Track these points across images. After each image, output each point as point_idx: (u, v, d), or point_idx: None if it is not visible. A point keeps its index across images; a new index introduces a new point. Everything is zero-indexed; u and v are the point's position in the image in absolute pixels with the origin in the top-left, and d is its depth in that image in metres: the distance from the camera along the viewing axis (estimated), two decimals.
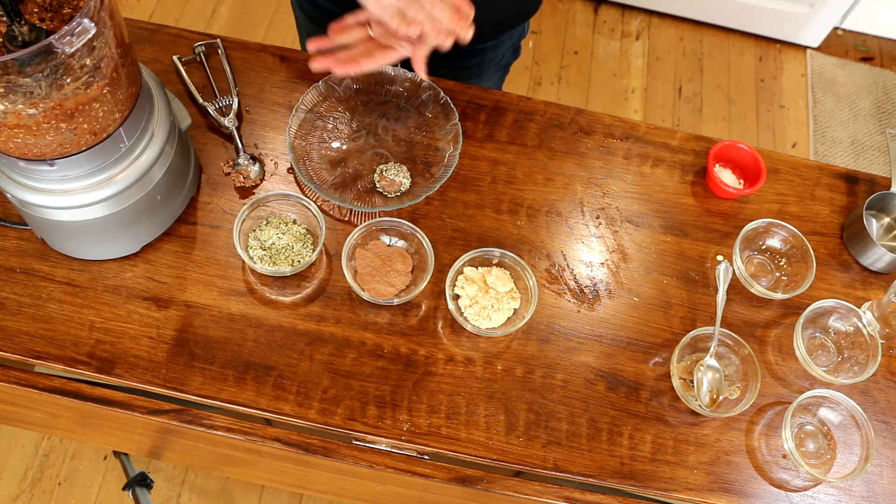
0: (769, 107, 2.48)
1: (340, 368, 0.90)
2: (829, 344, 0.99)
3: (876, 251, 1.02)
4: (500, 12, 1.16)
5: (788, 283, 1.00)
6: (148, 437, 1.16)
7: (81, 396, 0.93)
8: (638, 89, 2.47)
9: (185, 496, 1.71)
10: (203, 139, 1.03)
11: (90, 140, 0.78)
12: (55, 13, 0.71)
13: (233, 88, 1.05)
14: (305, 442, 0.93)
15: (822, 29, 2.53)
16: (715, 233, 1.04)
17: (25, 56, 0.64)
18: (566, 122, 1.10)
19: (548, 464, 0.88)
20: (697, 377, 0.92)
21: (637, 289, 0.99)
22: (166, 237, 0.95)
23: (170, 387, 0.87)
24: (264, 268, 0.92)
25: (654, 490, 0.88)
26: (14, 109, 0.69)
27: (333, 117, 1.06)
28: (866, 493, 0.91)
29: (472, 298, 0.94)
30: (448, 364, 0.92)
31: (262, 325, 0.92)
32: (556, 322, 0.96)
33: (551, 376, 0.93)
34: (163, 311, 0.91)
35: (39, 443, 1.73)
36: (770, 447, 0.92)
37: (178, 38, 1.10)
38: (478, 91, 1.11)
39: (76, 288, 0.91)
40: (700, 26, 2.61)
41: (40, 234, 0.92)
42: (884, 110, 2.50)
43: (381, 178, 1.01)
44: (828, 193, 1.10)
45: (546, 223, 1.02)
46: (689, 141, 1.11)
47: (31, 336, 0.88)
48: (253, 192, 1.00)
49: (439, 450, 0.88)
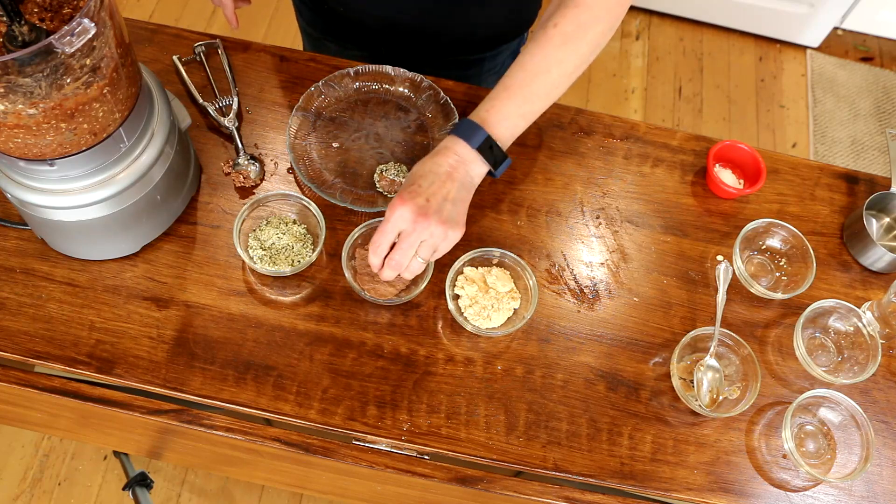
0: (769, 107, 2.48)
1: (340, 368, 0.90)
2: (829, 344, 0.99)
3: (876, 251, 1.02)
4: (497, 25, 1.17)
5: (788, 283, 1.00)
6: (148, 437, 1.16)
7: (81, 396, 0.93)
8: (638, 89, 2.47)
9: (185, 496, 1.71)
10: (203, 139, 1.03)
11: (90, 140, 0.78)
12: (55, 13, 0.71)
13: (233, 88, 1.05)
14: (305, 442, 0.93)
15: (822, 29, 2.53)
16: (715, 233, 1.04)
17: (25, 56, 0.64)
18: (566, 121, 1.10)
19: (548, 464, 0.88)
20: (697, 377, 0.92)
21: (637, 289, 0.99)
22: (166, 237, 0.95)
23: (170, 387, 0.87)
24: (264, 268, 0.92)
25: (654, 490, 0.88)
26: (14, 109, 0.69)
27: (333, 117, 1.06)
28: (866, 493, 0.91)
29: (472, 298, 0.94)
30: (448, 364, 0.92)
31: (262, 325, 0.92)
32: (556, 322, 0.96)
33: (551, 376, 0.93)
34: (163, 311, 0.91)
35: (39, 443, 1.73)
36: (770, 447, 0.92)
37: (178, 38, 1.10)
38: (478, 91, 1.11)
39: (76, 288, 0.91)
40: (700, 26, 2.61)
41: (40, 234, 0.92)
42: (884, 110, 2.50)
43: (381, 178, 1.01)
44: (828, 193, 1.10)
45: (546, 223, 1.02)
46: (689, 141, 1.11)
47: (31, 336, 0.88)
48: (253, 192, 1.00)
49: (439, 450, 0.88)
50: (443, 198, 0.84)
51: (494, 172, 0.88)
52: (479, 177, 0.88)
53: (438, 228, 0.83)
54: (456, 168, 0.85)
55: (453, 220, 0.84)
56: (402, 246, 0.84)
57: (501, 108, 0.87)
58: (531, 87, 0.87)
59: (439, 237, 0.84)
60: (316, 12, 1.22)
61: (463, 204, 0.86)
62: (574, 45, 0.86)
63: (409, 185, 0.84)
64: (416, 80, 1.07)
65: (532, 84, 0.87)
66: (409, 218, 0.83)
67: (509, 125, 0.88)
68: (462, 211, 0.86)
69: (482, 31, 1.17)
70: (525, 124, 0.89)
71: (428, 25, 1.12)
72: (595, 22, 0.86)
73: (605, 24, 0.87)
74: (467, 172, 0.86)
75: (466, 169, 0.86)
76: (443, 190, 0.84)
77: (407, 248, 0.84)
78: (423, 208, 0.83)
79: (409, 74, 1.07)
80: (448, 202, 0.84)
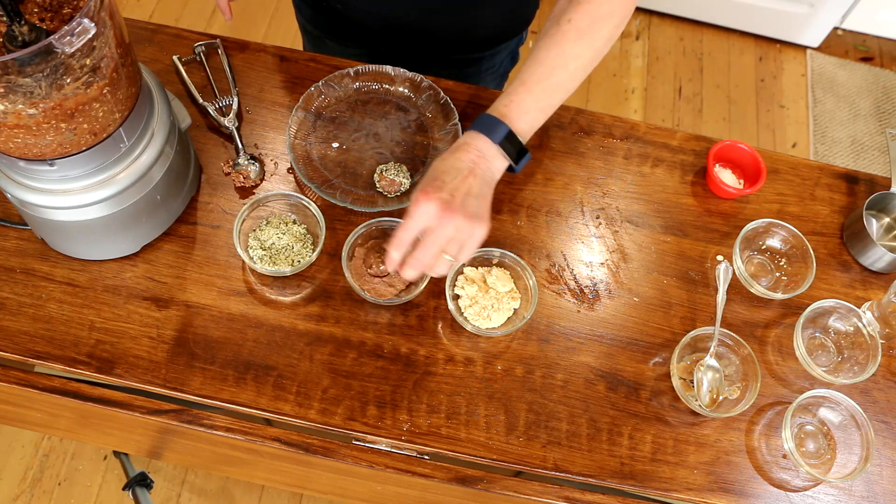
0: (769, 107, 2.48)
1: (340, 368, 0.90)
2: (829, 344, 0.99)
3: (876, 251, 1.02)
4: (495, 25, 1.17)
5: (788, 283, 1.00)
6: (148, 437, 1.16)
7: (81, 396, 0.93)
8: (638, 89, 2.47)
9: (185, 496, 1.71)
10: (203, 139, 1.03)
11: (90, 140, 0.78)
12: (55, 13, 0.71)
13: (233, 88, 1.05)
14: (305, 442, 0.93)
15: (822, 29, 2.53)
16: (715, 233, 1.04)
17: (25, 56, 0.64)
18: (566, 121, 1.10)
19: (548, 464, 0.88)
20: (697, 377, 0.92)
21: (637, 289, 0.99)
22: (166, 237, 0.95)
23: (170, 387, 0.87)
24: (264, 268, 0.92)
25: (654, 490, 0.88)
26: (14, 109, 0.69)
27: (333, 117, 1.06)
28: (866, 493, 0.91)
29: (472, 298, 0.94)
30: (448, 364, 0.92)
31: (262, 325, 0.92)
32: (556, 322, 0.96)
33: (551, 376, 0.93)
34: (163, 311, 0.91)
35: (39, 443, 1.73)
36: (770, 447, 0.92)
37: (178, 38, 1.10)
38: (478, 91, 1.11)
39: (76, 288, 0.91)
40: (700, 26, 2.61)
41: (40, 234, 0.92)
42: (884, 110, 2.50)
43: (381, 178, 1.01)
44: (828, 193, 1.10)
45: (546, 223, 1.02)
46: (689, 141, 1.11)
47: (31, 336, 0.88)
48: (253, 192, 1.00)
49: (439, 450, 0.88)
50: (466, 192, 0.81)
51: (515, 167, 0.87)
52: (500, 172, 0.87)
53: (465, 223, 0.80)
54: (477, 164, 0.84)
55: (479, 215, 0.82)
56: (426, 243, 0.81)
57: (521, 103, 0.86)
58: (549, 81, 0.86)
59: (466, 233, 0.81)
60: (316, 10, 1.22)
61: (485, 200, 0.84)
62: (589, 40, 0.87)
63: (432, 181, 0.82)
64: (416, 80, 1.07)
65: (550, 78, 0.86)
66: (434, 213, 0.80)
67: (529, 119, 0.87)
68: (486, 206, 0.84)
69: (481, 30, 1.17)
70: (544, 118, 0.89)
71: (427, 24, 1.13)
72: (609, 17, 0.86)
73: (618, 17, 0.87)
74: (488, 168, 0.85)
75: (488, 164, 0.85)
76: (465, 185, 0.82)
77: (432, 244, 0.80)
78: (447, 203, 0.80)
79: (409, 74, 1.07)
80: (472, 197, 0.82)
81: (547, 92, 0.87)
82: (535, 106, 0.87)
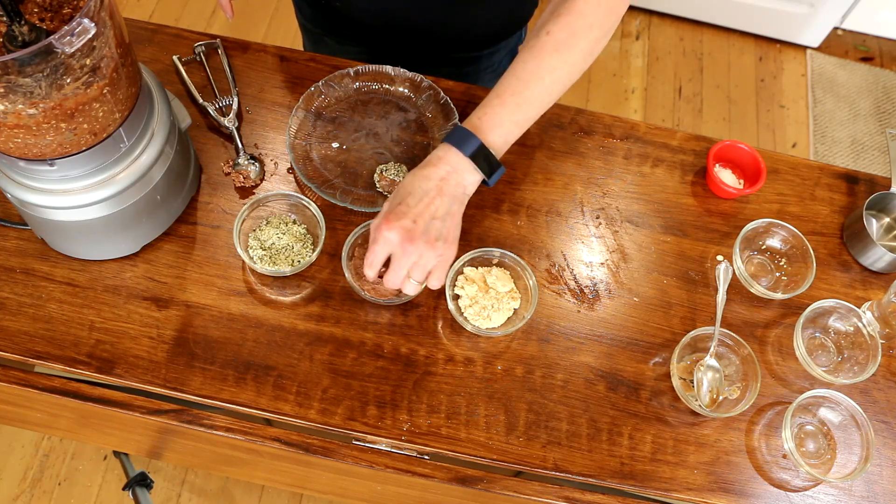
0: (769, 107, 2.48)
1: (340, 368, 0.90)
2: (829, 344, 0.99)
3: (876, 251, 1.02)
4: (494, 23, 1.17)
5: (788, 283, 1.00)
6: (148, 437, 1.16)
7: (81, 396, 0.93)
8: (638, 89, 2.47)
9: (185, 496, 1.71)
10: (203, 139, 1.03)
11: (90, 140, 0.78)
12: (55, 13, 0.71)
13: (233, 88, 1.05)
14: (305, 442, 0.93)
15: (822, 29, 2.53)
16: (715, 233, 1.04)
17: (25, 56, 0.64)
18: (566, 121, 1.10)
19: (548, 464, 0.88)
20: (697, 377, 0.92)
21: (637, 289, 0.99)
22: (166, 237, 0.95)
23: (170, 387, 0.87)
24: (264, 268, 0.92)
25: (654, 490, 0.88)
26: (14, 109, 0.69)
27: (333, 117, 1.06)
28: (866, 493, 0.91)
29: (472, 298, 0.94)
30: (448, 364, 0.92)
31: (262, 325, 0.92)
32: (556, 322, 0.96)
33: (551, 376, 0.93)
34: (163, 311, 0.91)
35: (39, 443, 1.73)
36: (770, 447, 0.92)
37: (178, 38, 1.10)
38: (478, 91, 1.11)
39: (76, 288, 0.91)
40: (700, 26, 2.61)
41: (40, 234, 0.92)
42: (884, 110, 2.50)
43: (381, 178, 1.01)
44: (828, 193, 1.10)
45: (546, 223, 1.02)
46: (689, 141, 1.11)
47: (31, 336, 0.88)
48: (253, 192, 1.00)
49: (439, 450, 0.88)
50: (430, 216, 0.82)
51: (488, 181, 0.87)
52: (473, 186, 0.87)
53: (428, 250, 0.82)
54: (446, 180, 0.84)
55: (442, 238, 0.83)
56: (393, 268, 0.84)
57: (494, 115, 0.86)
58: (524, 94, 0.86)
59: (430, 259, 0.83)
60: (316, 9, 1.23)
61: (453, 218, 0.85)
62: (567, 53, 0.86)
63: (396, 205, 0.83)
64: (416, 80, 1.07)
65: (525, 91, 0.86)
66: (396, 241, 0.82)
67: (503, 132, 0.87)
68: (453, 226, 0.85)
69: (480, 28, 1.17)
70: (519, 131, 0.89)
71: (426, 22, 1.13)
72: (588, 30, 0.86)
73: (598, 31, 0.86)
74: (459, 182, 0.85)
75: (458, 179, 0.85)
76: (430, 208, 0.83)
77: (398, 270, 0.84)
78: (409, 231, 0.81)
79: (409, 74, 1.07)
80: (437, 220, 0.83)
81: (521, 105, 0.87)
82: (510, 119, 0.87)
